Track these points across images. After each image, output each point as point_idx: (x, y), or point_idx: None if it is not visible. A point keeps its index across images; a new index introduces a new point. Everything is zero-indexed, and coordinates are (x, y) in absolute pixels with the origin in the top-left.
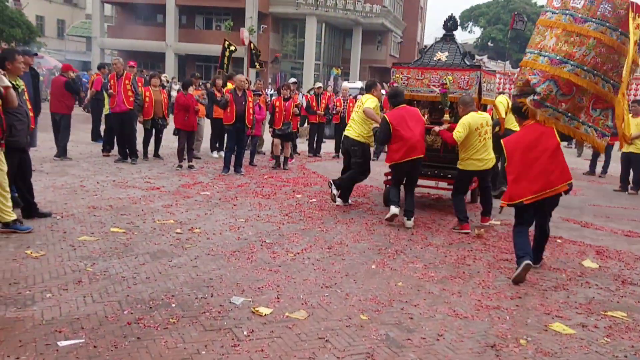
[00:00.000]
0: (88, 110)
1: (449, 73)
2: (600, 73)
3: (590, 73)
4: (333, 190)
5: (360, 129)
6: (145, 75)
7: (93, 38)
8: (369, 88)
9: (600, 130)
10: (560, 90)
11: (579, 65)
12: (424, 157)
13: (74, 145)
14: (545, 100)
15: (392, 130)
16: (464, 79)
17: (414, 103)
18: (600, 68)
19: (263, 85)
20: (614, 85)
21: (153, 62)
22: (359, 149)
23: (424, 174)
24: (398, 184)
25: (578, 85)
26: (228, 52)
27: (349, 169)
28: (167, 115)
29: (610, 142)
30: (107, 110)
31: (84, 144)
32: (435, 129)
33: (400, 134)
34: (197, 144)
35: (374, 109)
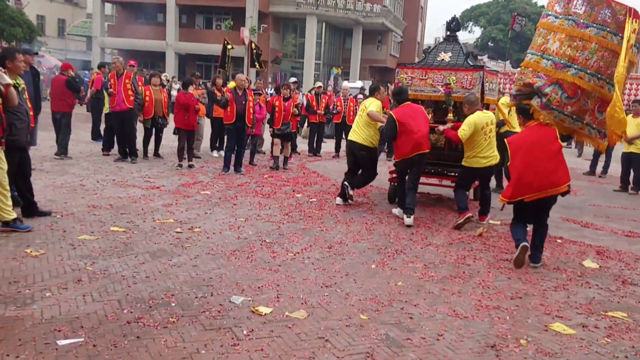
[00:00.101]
0: (88, 109)
1: (453, 73)
2: (605, 77)
3: (595, 77)
4: (350, 192)
5: (366, 133)
6: (146, 75)
7: (93, 37)
8: (373, 91)
9: (604, 132)
10: (566, 94)
11: (582, 69)
12: (429, 155)
13: (74, 144)
14: (552, 103)
15: (398, 127)
16: (467, 79)
17: (418, 102)
18: (605, 72)
19: (263, 85)
20: (613, 86)
21: (153, 61)
22: (367, 153)
23: (428, 172)
24: (402, 180)
25: (583, 89)
26: (228, 51)
27: (353, 170)
28: (167, 115)
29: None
30: (107, 110)
31: (84, 143)
32: (440, 128)
33: (407, 130)
34: (197, 143)
35: (378, 112)
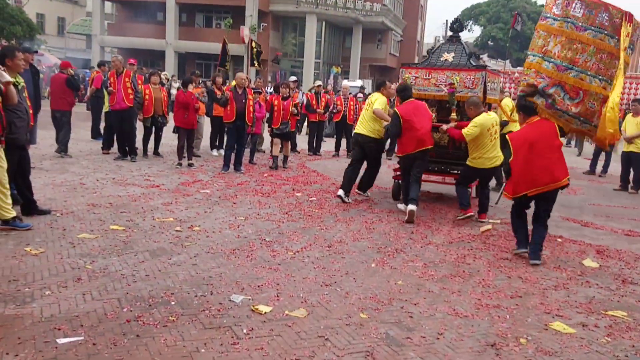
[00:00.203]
0: (88, 108)
1: (456, 73)
2: (606, 78)
3: (596, 78)
4: (366, 194)
5: (372, 126)
6: (145, 73)
7: (93, 36)
8: (379, 87)
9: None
10: (568, 95)
11: (583, 71)
12: (432, 153)
13: (74, 143)
14: (556, 103)
15: (403, 123)
16: (470, 79)
17: (422, 101)
18: (605, 73)
19: (263, 84)
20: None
21: (153, 59)
22: (375, 145)
23: (432, 170)
24: (407, 176)
25: (585, 90)
26: (228, 50)
27: (358, 161)
28: (167, 113)
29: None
30: (107, 108)
31: (84, 142)
32: (443, 127)
33: (411, 126)
34: (196, 142)
35: (383, 109)
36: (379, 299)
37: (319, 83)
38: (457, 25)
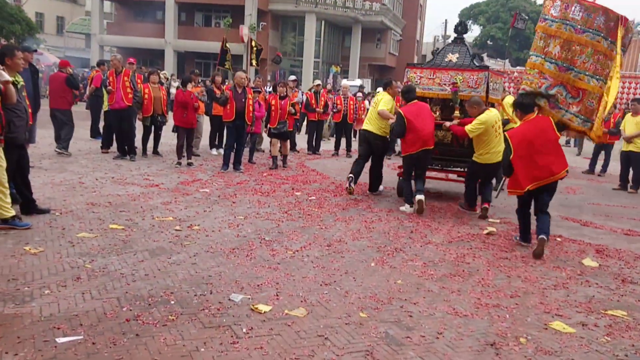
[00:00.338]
0: (87, 107)
1: (459, 73)
2: (603, 77)
3: (594, 78)
4: (379, 190)
5: (380, 124)
6: (145, 72)
7: (92, 35)
8: (386, 86)
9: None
10: (570, 94)
11: (582, 71)
12: (435, 150)
13: (73, 142)
14: (559, 102)
15: (407, 124)
16: (473, 79)
17: (427, 100)
18: (601, 73)
19: (262, 83)
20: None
21: (152, 59)
22: (381, 142)
23: (435, 167)
24: (409, 176)
25: (584, 90)
26: (227, 48)
27: (365, 157)
28: (166, 112)
29: (610, 141)
30: (106, 107)
31: (83, 141)
32: (446, 124)
33: (415, 127)
34: (196, 141)
35: (389, 110)
36: (379, 298)
37: (318, 82)
38: (461, 28)
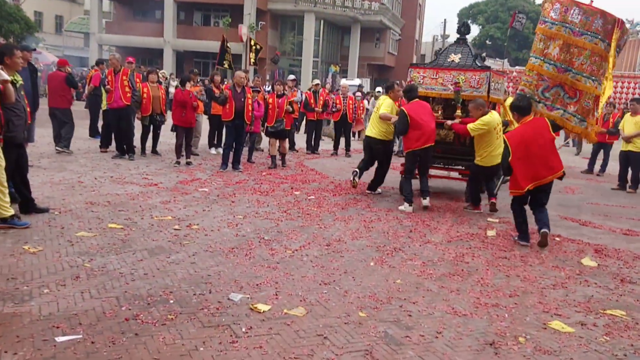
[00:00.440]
0: (86, 106)
1: (462, 73)
2: (597, 78)
3: (590, 79)
4: (378, 191)
5: (380, 128)
6: (143, 72)
7: (91, 34)
8: (387, 89)
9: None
10: (567, 94)
11: (579, 73)
12: (437, 149)
13: (72, 141)
14: (555, 103)
15: (410, 121)
16: (475, 79)
17: (429, 100)
18: (597, 74)
19: (261, 82)
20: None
21: (151, 58)
22: (382, 146)
23: (438, 165)
24: (412, 174)
25: (580, 90)
26: (228, 48)
27: (369, 161)
28: (165, 112)
29: (609, 140)
30: (104, 106)
31: (82, 140)
32: (448, 123)
33: (418, 124)
34: (195, 141)
35: (390, 111)
36: (378, 298)
37: (317, 82)
38: (464, 29)
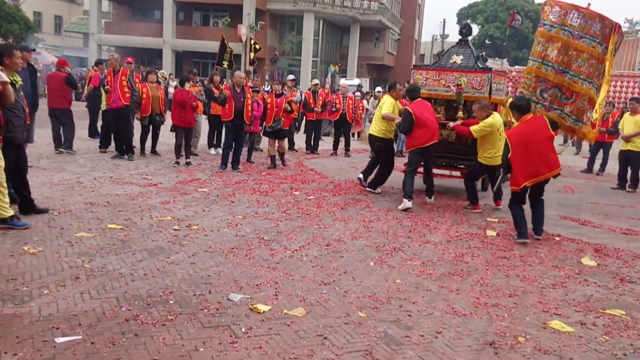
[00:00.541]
0: (86, 106)
1: (464, 74)
2: (593, 80)
3: (586, 81)
4: (378, 191)
5: (380, 126)
6: (143, 72)
7: (90, 34)
8: (390, 89)
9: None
10: (564, 95)
11: (576, 75)
12: (440, 149)
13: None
14: (553, 104)
15: (415, 120)
16: (477, 80)
17: (432, 101)
18: (593, 76)
19: (260, 82)
20: (597, 88)
21: (150, 58)
22: (382, 144)
23: (439, 164)
24: (414, 171)
25: (577, 92)
26: (229, 49)
27: (372, 165)
28: (164, 112)
29: (609, 140)
30: (104, 107)
31: (81, 140)
32: (450, 124)
33: (424, 122)
34: (194, 141)
35: (392, 110)
36: (378, 298)
37: (317, 82)
38: (466, 30)
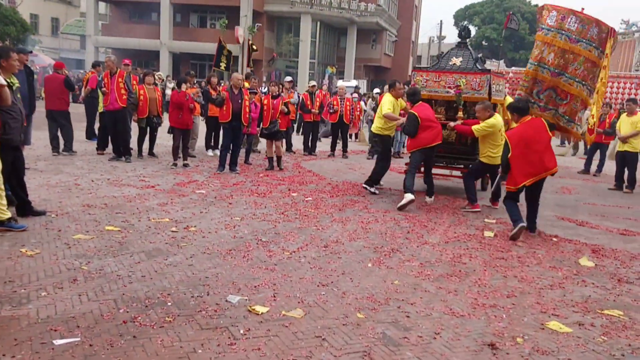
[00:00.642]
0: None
1: (463, 76)
2: (587, 82)
3: (580, 83)
4: (374, 191)
5: (377, 123)
6: (140, 74)
7: (87, 36)
8: (390, 87)
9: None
10: (559, 96)
11: (572, 77)
12: (440, 148)
13: None
14: (548, 104)
15: (420, 122)
16: (476, 81)
17: (432, 102)
18: (586, 79)
19: (258, 84)
20: (591, 91)
21: (147, 60)
22: (379, 140)
23: (440, 164)
24: (415, 170)
25: (571, 94)
26: (226, 51)
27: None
28: (161, 114)
29: (606, 141)
30: (101, 109)
31: (79, 142)
32: (450, 124)
33: (429, 124)
34: (192, 142)
35: (392, 111)
36: (376, 299)
37: (314, 83)
38: (465, 33)
